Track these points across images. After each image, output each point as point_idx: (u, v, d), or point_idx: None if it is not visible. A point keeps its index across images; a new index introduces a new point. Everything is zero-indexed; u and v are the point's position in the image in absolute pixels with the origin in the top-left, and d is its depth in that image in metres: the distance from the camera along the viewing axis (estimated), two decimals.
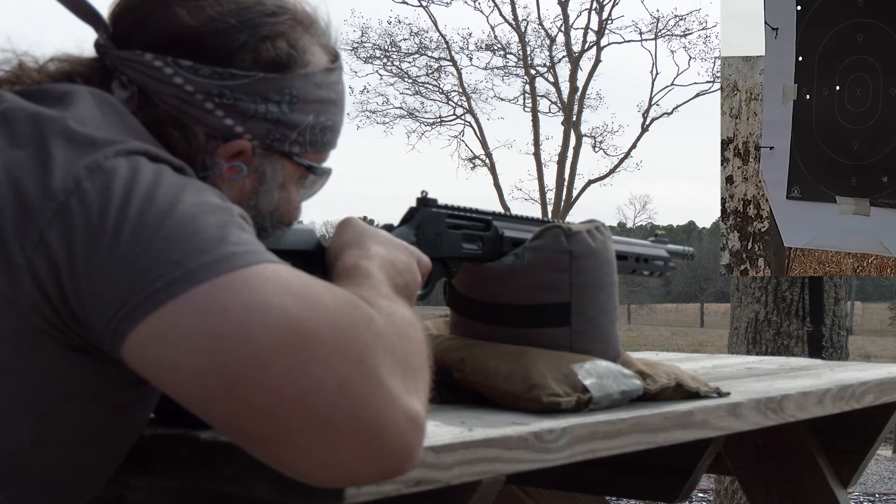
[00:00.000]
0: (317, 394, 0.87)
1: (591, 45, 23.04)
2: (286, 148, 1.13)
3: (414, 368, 0.95)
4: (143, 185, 0.93)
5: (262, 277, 0.90)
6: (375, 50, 23.05)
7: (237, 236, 0.93)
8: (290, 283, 0.91)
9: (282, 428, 0.88)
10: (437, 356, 1.41)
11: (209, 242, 0.91)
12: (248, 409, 0.88)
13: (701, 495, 5.47)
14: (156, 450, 1.09)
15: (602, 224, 1.50)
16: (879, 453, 7.12)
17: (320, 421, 0.87)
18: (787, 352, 3.99)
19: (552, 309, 1.43)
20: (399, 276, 1.15)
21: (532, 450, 1.16)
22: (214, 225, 0.93)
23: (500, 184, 23.52)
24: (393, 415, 0.89)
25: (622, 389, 1.37)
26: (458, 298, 1.51)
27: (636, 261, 1.74)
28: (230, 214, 0.95)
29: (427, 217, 1.39)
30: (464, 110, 23.69)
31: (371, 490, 0.97)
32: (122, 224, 0.91)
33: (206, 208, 0.94)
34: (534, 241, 1.46)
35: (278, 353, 0.87)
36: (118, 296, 0.89)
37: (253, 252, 0.92)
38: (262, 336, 0.87)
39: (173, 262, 0.89)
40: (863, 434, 2.03)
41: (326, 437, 0.88)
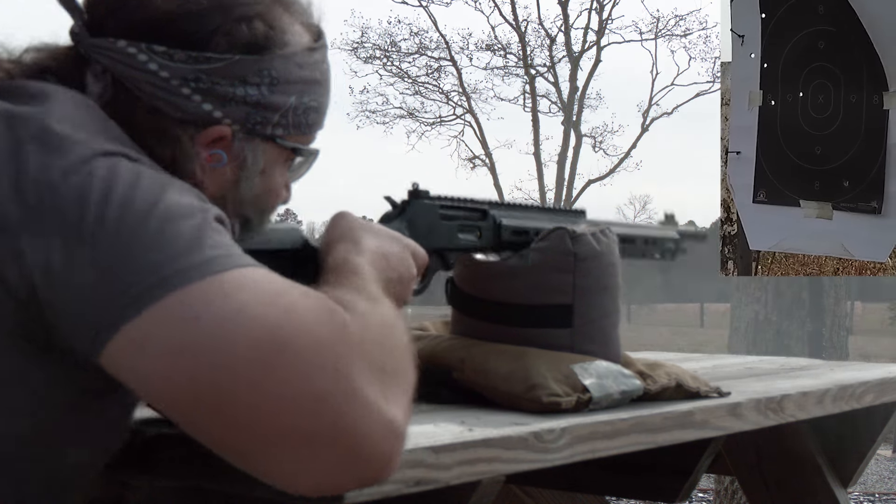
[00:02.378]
0: (291, 406, 0.86)
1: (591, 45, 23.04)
2: (268, 131, 1.11)
3: (392, 373, 0.93)
4: (121, 189, 0.92)
5: (237, 284, 0.89)
6: (375, 50, 23.05)
7: (213, 240, 0.92)
8: (264, 291, 0.90)
9: (256, 440, 0.87)
10: (437, 356, 1.42)
11: (185, 248, 0.90)
12: (221, 421, 0.88)
13: (701, 495, 5.47)
14: (156, 450, 1.09)
15: (607, 227, 1.51)
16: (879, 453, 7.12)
17: (295, 433, 0.87)
18: (787, 352, 3.99)
19: (555, 310, 1.44)
20: (392, 269, 1.14)
21: (532, 450, 1.16)
22: (191, 228, 0.92)
23: (500, 184, 23.52)
24: (370, 424, 0.88)
25: (622, 389, 1.37)
26: (459, 297, 1.51)
27: (644, 243, 1.72)
28: (207, 217, 0.94)
29: (419, 209, 1.39)
30: (464, 110, 23.70)
31: (371, 490, 0.97)
32: (99, 230, 0.89)
33: (183, 211, 0.93)
34: (539, 242, 1.46)
35: (250, 365, 0.86)
36: (95, 304, 0.88)
37: (229, 256, 0.91)
38: (234, 347, 0.86)
39: (149, 269, 0.88)
40: (863, 434, 2.03)
41: (302, 448, 0.87)
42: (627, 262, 1.70)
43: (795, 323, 3.99)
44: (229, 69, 1.07)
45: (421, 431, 1.11)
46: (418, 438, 1.06)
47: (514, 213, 1.51)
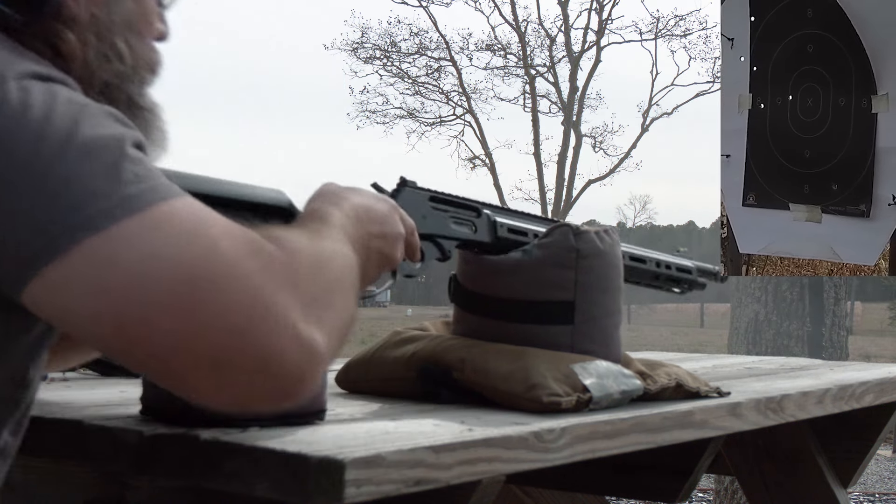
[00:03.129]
0: (210, 338, 0.88)
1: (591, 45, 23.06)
2: None
3: (321, 304, 0.94)
4: (34, 120, 0.90)
5: (157, 223, 0.89)
6: (375, 50, 23.06)
7: (132, 173, 0.91)
8: (185, 228, 0.90)
9: (177, 366, 0.89)
10: (437, 356, 1.42)
11: (103, 186, 0.89)
12: (141, 353, 0.89)
13: (701, 495, 5.47)
14: (156, 450, 1.09)
15: (612, 228, 1.51)
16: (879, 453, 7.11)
17: (214, 359, 0.88)
18: (787, 352, 3.99)
19: (556, 306, 1.44)
20: (373, 222, 1.15)
21: (532, 450, 1.16)
22: (110, 164, 0.91)
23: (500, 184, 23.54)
24: (283, 341, 0.90)
25: (622, 389, 1.37)
26: (462, 294, 1.51)
27: (657, 265, 1.73)
28: (123, 148, 0.93)
29: (409, 196, 1.39)
30: (464, 110, 23.71)
31: (370, 490, 0.97)
32: (13, 166, 0.88)
33: (100, 143, 0.91)
34: (542, 238, 1.47)
35: (171, 302, 0.88)
36: (15, 245, 0.88)
37: (149, 190, 0.91)
38: (155, 286, 0.87)
39: (70, 209, 0.88)
40: (863, 434, 2.03)
41: (217, 373, 0.89)
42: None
43: (795, 323, 3.99)
44: None
45: (421, 431, 1.11)
46: (418, 438, 1.06)
47: (506, 214, 1.52)
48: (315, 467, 0.96)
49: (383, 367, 1.47)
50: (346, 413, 1.27)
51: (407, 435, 1.08)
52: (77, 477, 1.23)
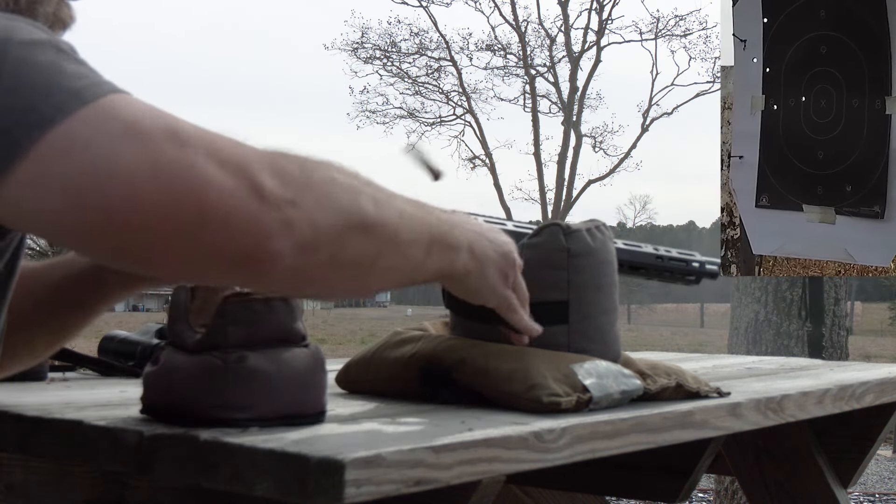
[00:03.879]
0: (175, 205, 0.88)
1: (591, 45, 23.08)
2: None
3: (298, 181, 0.95)
4: None
5: (114, 108, 0.90)
6: (375, 50, 23.09)
7: (75, 70, 0.92)
8: (144, 110, 0.91)
9: (143, 245, 0.89)
10: (437, 356, 1.42)
11: (52, 82, 0.90)
12: (108, 241, 0.89)
13: (701, 495, 5.47)
14: (156, 450, 1.09)
15: (603, 224, 1.50)
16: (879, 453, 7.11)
17: (173, 226, 0.88)
18: (787, 352, 3.99)
19: (550, 307, 1.43)
20: (482, 228, 1.22)
21: (532, 450, 1.16)
22: (50, 62, 0.91)
23: (500, 184, 23.56)
24: (211, 181, 0.89)
25: (622, 389, 1.37)
26: (455, 299, 1.51)
27: (657, 258, 1.72)
28: (59, 48, 0.94)
29: None
30: (464, 110, 23.72)
31: (370, 490, 0.97)
32: None
33: (36, 43, 0.92)
34: (532, 238, 1.46)
35: (139, 180, 0.87)
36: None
37: (97, 84, 0.92)
38: (123, 170, 0.87)
39: (23, 110, 0.88)
40: (863, 434, 2.03)
41: (177, 237, 0.89)
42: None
43: (795, 323, 3.99)
44: None
45: (421, 431, 1.11)
46: (418, 438, 1.06)
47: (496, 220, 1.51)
48: (315, 467, 0.96)
49: (383, 367, 1.47)
50: (346, 413, 1.27)
51: (407, 435, 1.08)
52: (77, 477, 1.23)
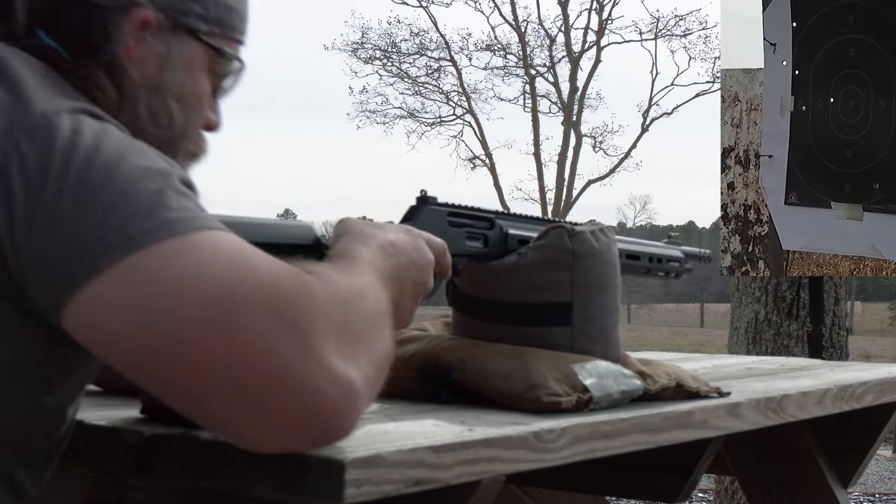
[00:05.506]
0: (243, 361, 0.87)
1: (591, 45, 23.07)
2: (191, 23, 1.11)
3: (354, 338, 0.94)
4: (84, 148, 0.92)
5: (198, 245, 0.90)
6: (375, 50, 23.08)
7: (177, 202, 0.92)
8: (224, 251, 0.91)
9: (209, 396, 0.88)
10: (437, 356, 1.42)
11: (149, 208, 0.90)
12: (176, 378, 0.88)
13: (701, 495, 5.47)
14: (156, 450, 1.09)
15: (606, 226, 1.51)
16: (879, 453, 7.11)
17: (247, 389, 0.87)
18: (787, 352, 3.99)
19: (554, 308, 1.43)
20: (402, 254, 1.14)
21: (532, 450, 1.16)
22: (154, 190, 0.92)
23: (500, 184, 23.56)
24: (321, 380, 0.89)
25: (622, 389, 1.37)
26: (460, 297, 1.51)
27: (650, 260, 1.73)
28: (169, 179, 0.94)
29: (428, 215, 1.39)
30: (464, 110, 23.72)
31: (370, 490, 0.97)
32: (62, 189, 0.90)
33: (147, 172, 0.93)
34: (537, 240, 1.46)
35: (206, 323, 0.87)
36: (58, 263, 0.89)
37: (192, 218, 0.92)
38: (191, 306, 0.87)
39: (113, 229, 0.89)
40: (863, 434, 2.03)
41: (253, 402, 0.88)
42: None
43: (795, 323, 3.99)
44: None
45: (421, 431, 1.11)
46: (418, 438, 1.06)
47: (520, 223, 1.51)
48: (315, 467, 0.96)
49: None
50: None
51: (407, 435, 1.08)
52: (77, 477, 1.23)
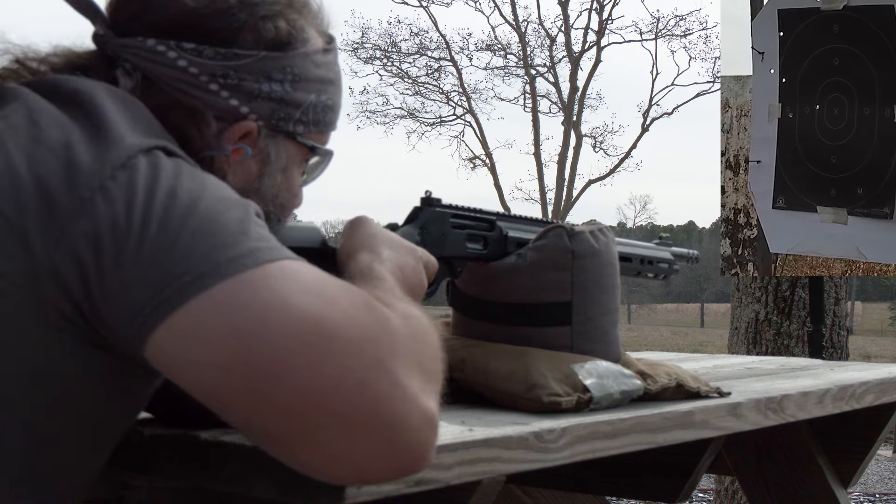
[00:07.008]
0: (335, 391, 0.87)
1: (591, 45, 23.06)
2: (290, 128, 1.14)
3: (429, 369, 0.95)
4: (165, 183, 0.94)
5: (283, 275, 0.91)
6: (375, 50, 23.07)
7: (257, 232, 0.94)
8: (308, 282, 0.92)
9: (299, 425, 0.88)
10: None
11: (233, 237, 0.92)
12: (267, 406, 0.88)
13: (701, 495, 5.47)
14: (156, 450, 1.09)
15: (605, 227, 1.51)
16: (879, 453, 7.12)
17: (338, 418, 0.88)
18: (787, 352, 3.99)
19: (554, 308, 1.44)
20: (407, 280, 1.16)
21: (532, 450, 1.16)
22: (236, 220, 0.93)
23: (500, 184, 23.54)
24: (409, 413, 0.89)
25: (622, 389, 1.37)
26: (460, 298, 1.51)
27: (640, 262, 1.74)
28: (248, 210, 0.96)
29: (432, 217, 1.40)
30: (464, 110, 23.71)
31: (371, 490, 0.97)
32: (148, 222, 0.91)
33: (227, 204, 0.95)
34: (537, 240, 1.47)
35: (298, 352, 0.87)
36: (145, 293, 0.89)
37: (273, 248, 0.93)
38: (282, 334, 0.88)
39: (201, 257, 0.90)
40: (863, 434, 2.03)
41: (343, 434, 0.88)
42: None
43: (795, 323, 3.99)
44: (255, 65, 1.10)
45: None
46: None
47: (521, 225, 1.52)
48: None
49: None
50: None
51: None
52: None
